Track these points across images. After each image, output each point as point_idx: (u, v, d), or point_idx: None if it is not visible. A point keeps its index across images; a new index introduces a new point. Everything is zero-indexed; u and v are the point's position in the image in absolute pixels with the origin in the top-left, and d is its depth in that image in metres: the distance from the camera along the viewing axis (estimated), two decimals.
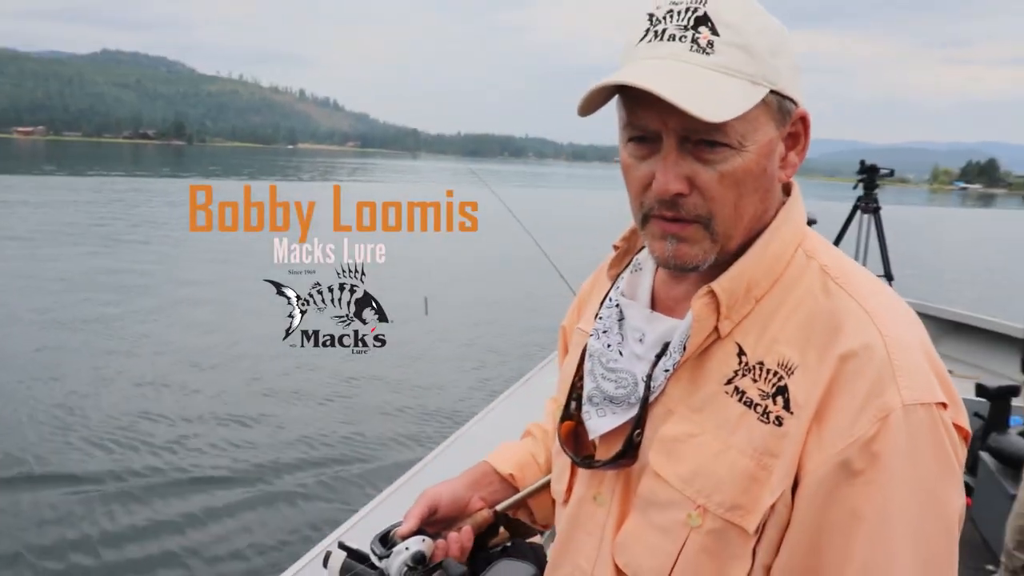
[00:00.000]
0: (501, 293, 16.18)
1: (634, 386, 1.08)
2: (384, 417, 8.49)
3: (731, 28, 0.94)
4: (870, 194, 6.97)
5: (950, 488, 0.93)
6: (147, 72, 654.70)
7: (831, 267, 1.02)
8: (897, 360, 0.92)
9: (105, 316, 12.36)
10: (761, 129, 0.97)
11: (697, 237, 0.99)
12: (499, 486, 1.46)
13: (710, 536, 0.98)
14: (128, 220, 26.84)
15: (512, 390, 4.12)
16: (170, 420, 8.00)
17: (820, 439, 0.92)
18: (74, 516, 5.88)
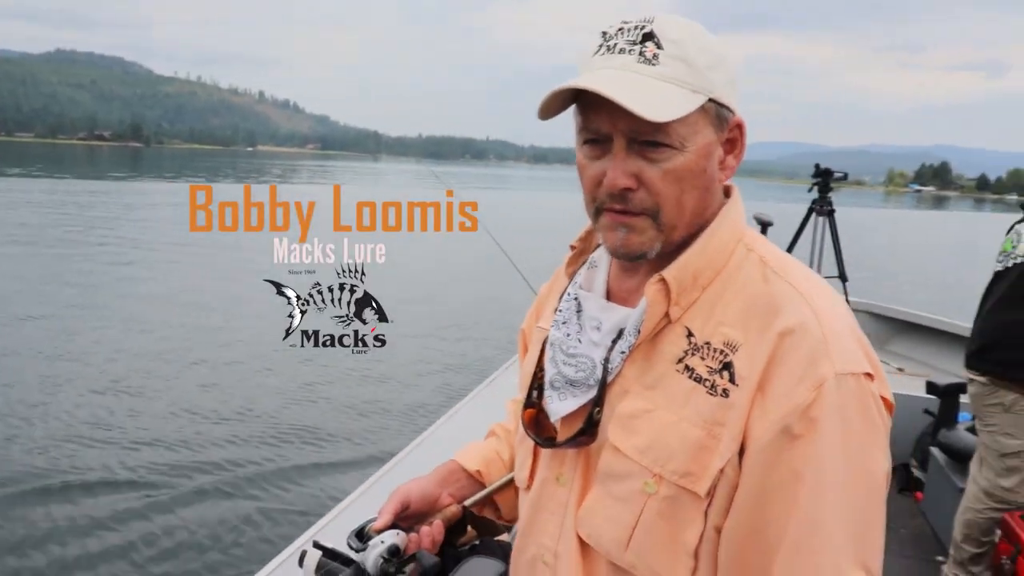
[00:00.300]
0: (467, 295, 16.18)
1: (592, 369, 1.18)
2: (358, 415, 8.53)
3: (674, 43, 1.06)
4: (825, 197, 7.02)
5: (876, 450, 1.03)
6: (102, 72, 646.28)
7: (768, 258, 1.14)
8: (829, 335, 1.02)
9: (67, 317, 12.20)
10: (700, 132, 1.08)
11: (644, 227, 1.10)
12: (467, 482, 1.53)
13: (665, 502, 1.07)
14: (86, 223, 26.42)
15: (477, 391, 4.21)
16: (136, 422, 7.95)
17: (763, 407, 1.01)
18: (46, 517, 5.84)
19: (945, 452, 4.36)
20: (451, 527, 1.46)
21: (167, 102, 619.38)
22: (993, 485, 3.58)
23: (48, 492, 6.23)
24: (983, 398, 3.61)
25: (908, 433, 4.99)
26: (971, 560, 3.69)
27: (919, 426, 4.93)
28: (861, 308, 6.94)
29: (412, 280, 15.57)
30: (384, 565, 1.32)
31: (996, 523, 3.58)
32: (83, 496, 6.22)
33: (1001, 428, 3.53)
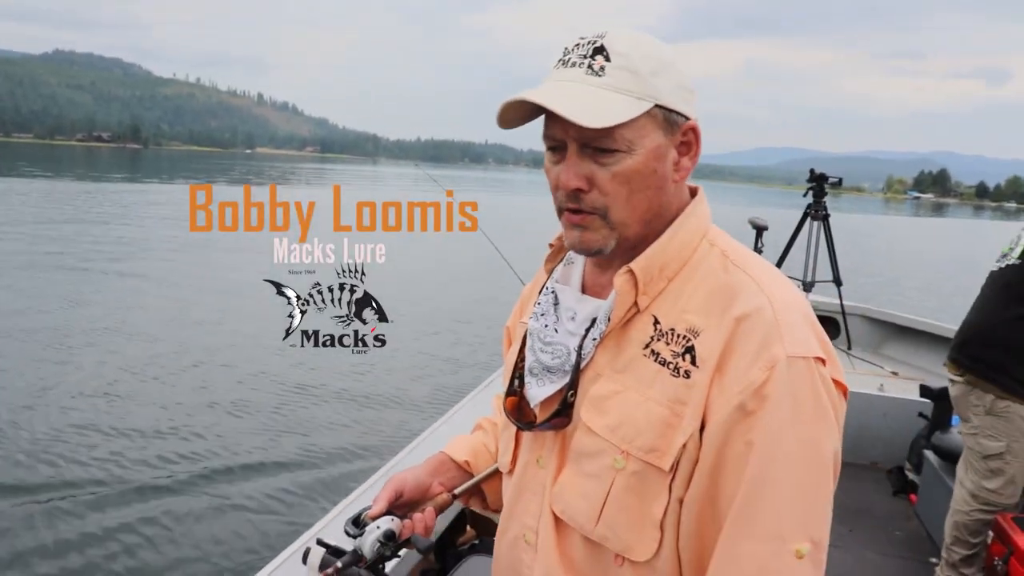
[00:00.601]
0: (465, 295, 16.21)
1: (567, 356, 1.26)
2: (359, 415, 8.57)
3: (620, 55, 1.14)
4: (819, 202, 7.13)
5: (824, 428, 1.10)
6: (102, 74, 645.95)
7: (729, 251, 1.22)
8: (782, 321, 1.10)
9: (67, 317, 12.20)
10: (648, 136, 1.15)
11: (596, 226, 1.18)
12: (456, 472, 1.61)
13: (633, 477, 1.15)
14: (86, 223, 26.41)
15: (474, 392, 4.26)
16: (135, 423, 7.94)
17: (721, 386, 1.10)
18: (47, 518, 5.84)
19: (939, 455, 4.38)
20: (451, 527, 1.48)
21: (166, 104, 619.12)
22: (978, 487, 3.60)
23: (47, 493, 6.23)
24: (964, 399, 3.62)
25: (902, 436, 5.03)
26: (963, 562, 3.71)
27: (913, 429, 4.95)
28: (856, 312, 6.98)
29: (413, 280, 15.59)
30: (380, 549, 1.38)
31: (985, 524, 3.60)
32: (85, 497, 6.21)
33: (983, 430, 3.54)
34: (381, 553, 1.39)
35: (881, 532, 4.42)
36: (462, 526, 2.31)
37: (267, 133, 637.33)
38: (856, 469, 5.14)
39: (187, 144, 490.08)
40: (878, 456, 5.24)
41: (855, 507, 4.64)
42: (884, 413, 5.21)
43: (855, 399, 5.01)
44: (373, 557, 1.38)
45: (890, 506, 4.73)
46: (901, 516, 4.60)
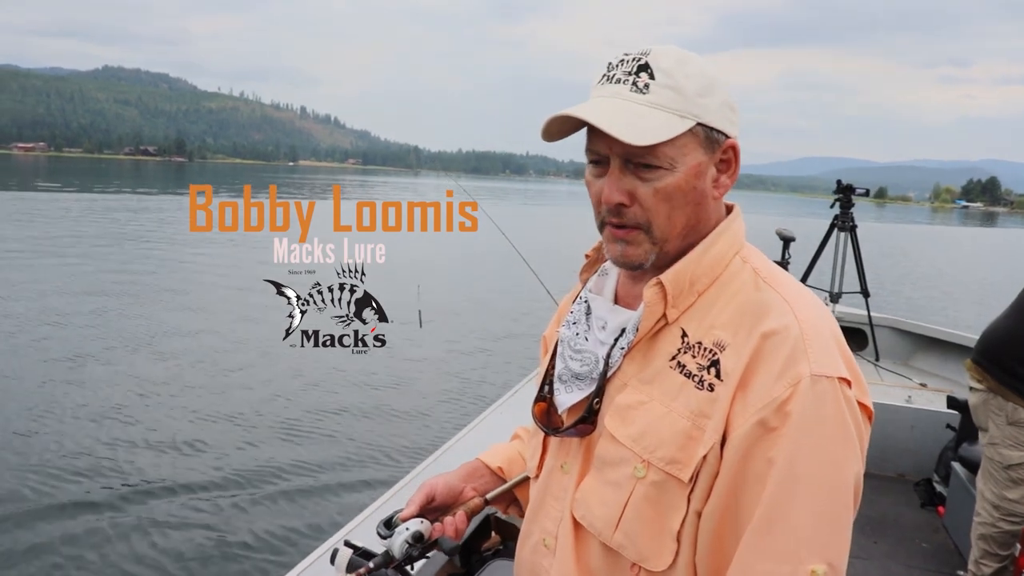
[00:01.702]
0: (496, 307, 16.21)
1: (595, 363, 1.29)
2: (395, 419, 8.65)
3: (665, 73, 1.16)
4: (847, 213, 7.09)
5: (847, 450, 1.10)
6: (148, 89, 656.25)
7: (761, 270, 1.23)
8: (809, 340, 1.11)
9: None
10: (690, 154, 1.17)
11: (639, 240, 1.21)
12: (489, 478, 1.65)
13: (652, 487, 1.16)
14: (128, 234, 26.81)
15: (504, 399, 4.26)
16: (172, 422, 8.07)
17: (744, 401, 1.10)
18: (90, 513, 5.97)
19: (967, 466, 4.30)
20: (476, 532, 1.62)
21: (210, 117, 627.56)
22: (999, 498, 3.52)
23: (79, 498, 6.30)
24: (985, 408, 3.56)
25: (930, 448, 4.96)
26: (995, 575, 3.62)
27: (941, 441, 4.89)
28: (884, 324, 6.89)
29: (424, 281, 15.62)
30: (409, 549, 1.43)
31: (1012, 536, 3.52)
32: (116, 501, 6.30)
33: (1004, 440, 3.47)
34: (409, 554, 1.44)
35: (908, 544, 4.33)
36: (487, 531, 2.31)
37: (309, 146, 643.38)
38: (883, 481, 5.06)
39: (231, 157, 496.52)
40: (905, 468, 5.16)
41: (882, 519, 4.56)
42: (912, 425, 5.14)
43: (882, 410, 4.97)
44: (401, 557, 1.43)
45: (917, 518, 4.65)
46: (928, 528, 4.52)
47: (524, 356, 11.58)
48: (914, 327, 6.88)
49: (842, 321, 6.55)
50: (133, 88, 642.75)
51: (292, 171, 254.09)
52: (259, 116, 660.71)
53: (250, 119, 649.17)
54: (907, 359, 6.75)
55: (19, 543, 5.61)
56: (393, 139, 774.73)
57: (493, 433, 3.44)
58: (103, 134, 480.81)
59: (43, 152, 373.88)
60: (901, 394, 5.53)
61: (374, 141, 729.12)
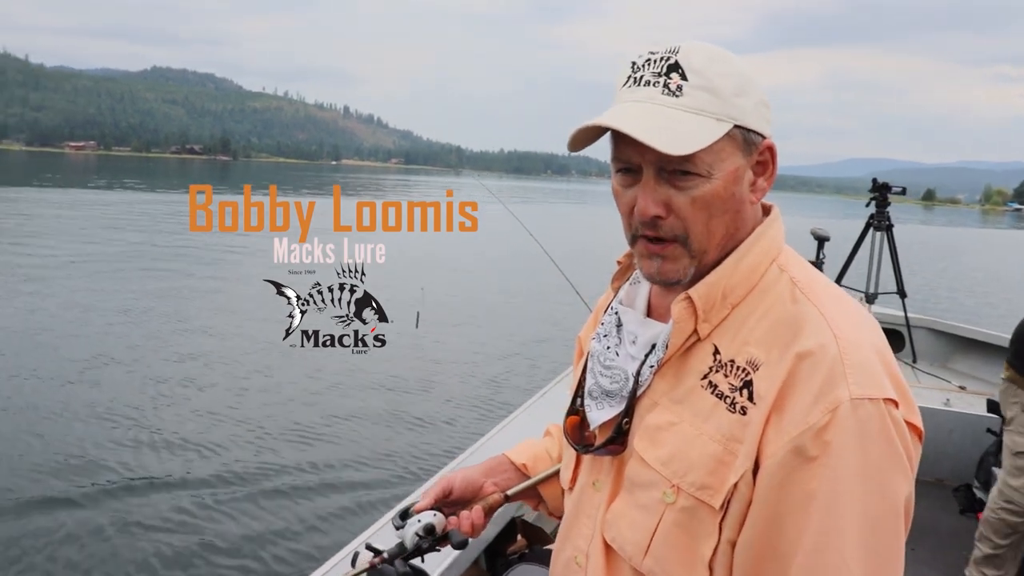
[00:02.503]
0: (525, 309, 16.17)
1: (625, 381, 1.23)
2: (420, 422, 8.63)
3: (698, 73, 1.09)
4: (882, 212, 6.97)
5: (896, 476, 1.04)
6: (195, 89, 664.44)
7: (799, 279, 1.16)
8: (848, 359, 1.04)
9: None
10: (728, 159, 1.11)
11: (677, 255, 1.14)
12: (512, 474, 1.63)
13: (683, 512, 1.11)
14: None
15: (533, 400, 4.21)
16: (195, 423, 8.11)
17: (779, 426, 1.04)
18: (103, 517, 5.96)
19: None
20: (502, 534, 1.63)
21: (255, 117, 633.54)
22: (1004, 483, 3.58)
23: (102, 495, 6.37)
24: (1005, 396, 3.65)
25: (969, 452, 4.82)
26: (985, 560, 3.65)
27: (981, 445, 4.74)
28: (922, 325, 6.73)
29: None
30: (419, 541, 1.45)
31: (1009, 527, 3.56)
32: (137, 500, 6.35)
33: (1017, 427, 3.55)
34: (419, 545, 1.45)
35: (947, 552, 4.22)
36: (513, 534, 2.29)
37: (352, 145, 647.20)
38: (921, 486, 4.92)
39: (275, 156, 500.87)
40: (944, 473, 5.02)
41: (919, 525, 4.41)
42: (951, 429, 5.00)
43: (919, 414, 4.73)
44: (411, 549, 1.44)
45: (956, 525, 4.53)
46: (967, 535, 4.36)
47: (552, 360, 11.48)
48: (953, 328, 6.72)
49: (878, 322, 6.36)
50: (180, 88, 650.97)
51: (335, 170, 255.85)
52: (303, 116, 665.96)
53: (294, 118, 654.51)
54: (945, 361, 6.59)
55: (38, 540, 5.68)
56: (435, 139, 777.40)
57: (523, 435, 3.40)
58: (151, 133, 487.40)
59: (93, 151, 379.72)
60: (939, 397, 5.39)
61: (416, 141, 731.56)
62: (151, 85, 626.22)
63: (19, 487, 6.42)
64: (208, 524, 6.02)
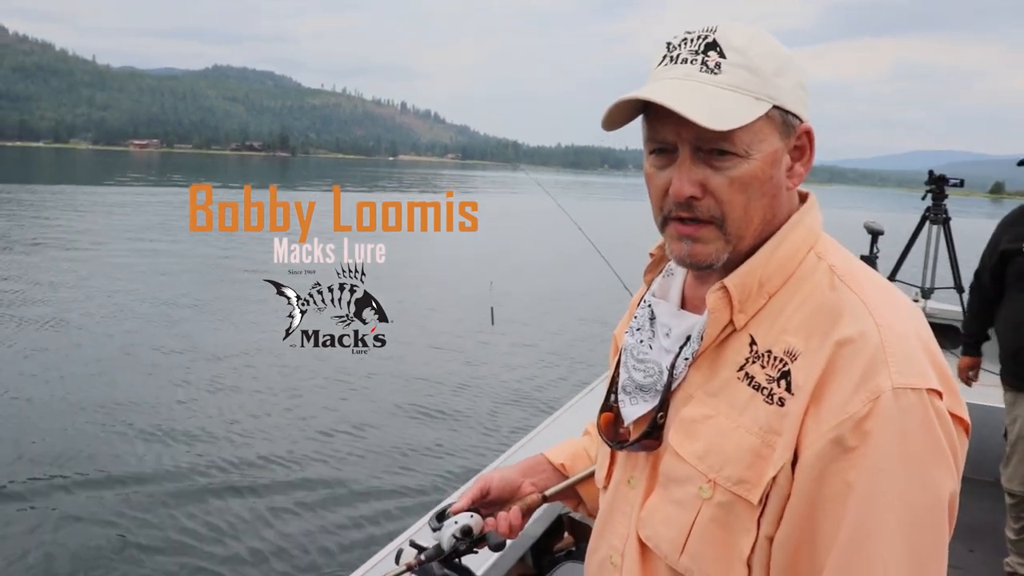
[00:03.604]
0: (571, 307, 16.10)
1: (659, 375, 1.20)
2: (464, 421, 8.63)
3: (737, 51, 1.06)
4: (939, 205, 6.83)
5: (939, 469, 0.99)
6: (254, 86, 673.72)
7: (838, 266, 1.12)
8: (890, 347, 1.00)
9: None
10: (766, 140, 1.08)
11: (710, 237, 1.10)
12: (551, 474, 1.61)
13: (720, 508, 1.07)
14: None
15: (576, 400, 4.18)
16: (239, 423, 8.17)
17: (817, 417, 1.00)
18: (156, 518, 6.03)
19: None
20: (548, 532, 1.63)
21: (314, 113, 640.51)
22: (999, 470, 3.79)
23: (153, 496, 6.42)
24: None
25: None
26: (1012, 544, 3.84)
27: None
28: None
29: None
30: (456, 543, 1.44)
31: None
32: (192, 501, 6.38)
33: None
34: (456, 547, 1.44)
35: (1006, 553, 4.11)
36: (559, 532, 2.27)
37: (410, 141, 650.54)
38: (978, 485, 4.78)
39: (333, 152, 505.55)
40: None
41: (977, 526, 4.32)
42: None
43: (977, 411, 4.58)
44: (448, 551, 1.44)
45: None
46: None
47: (601, 355, 11.40)
48: None
49: (933, 318, 6.16)
50: (240, 86, 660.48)
51: (392, 166, 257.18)
52: (360, 112, 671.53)
53: (352, 115, 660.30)
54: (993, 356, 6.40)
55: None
56: (492, 134, 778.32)
57: (566, 434, 3.39)
58: (212, 130, 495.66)
59: (156, 149, 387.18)
60: (998, 394, 5.26)
61: (473, 136, 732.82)
62: (212, 83, 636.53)
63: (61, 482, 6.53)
64: (253, 522, 6.09)
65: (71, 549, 5.55)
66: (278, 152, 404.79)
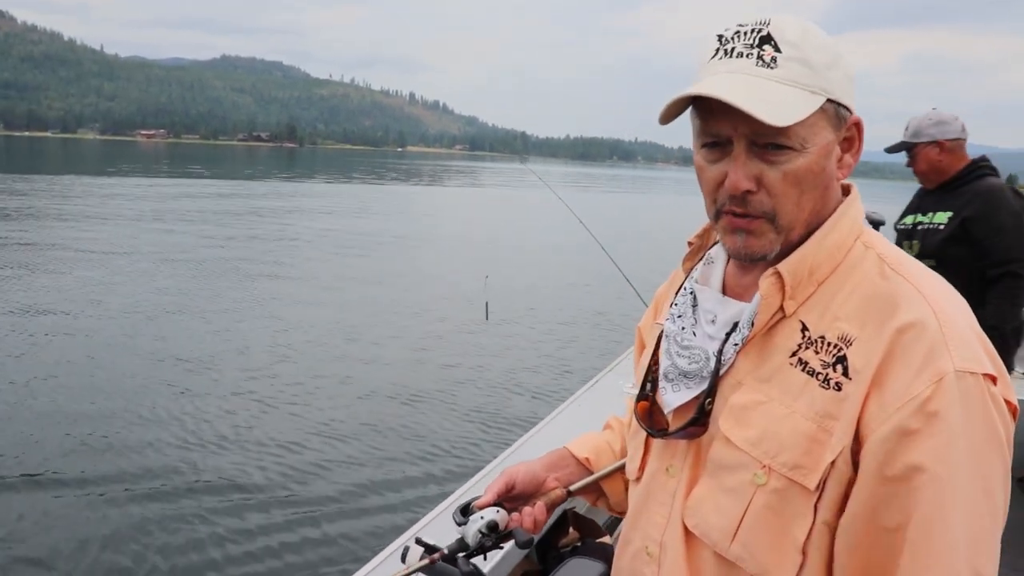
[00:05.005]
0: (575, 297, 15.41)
1: (706, 361, 1.19)
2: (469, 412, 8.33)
3: (792, 45, 1.06)
4: None
5: (994, 454, 1.00)
6: (263, 77, 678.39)
7: (887, 255, 1.12)
8: (949, 333, 1.01)
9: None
10: (820, 133, 1.08)
11: (763, 230, 1.10)
12: (575, 468, 1.56)
13: (774, 494, 1.06)
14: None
15: (582, 392, 3.99)
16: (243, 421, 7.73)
17: (880, 401, 1.00)
18: (159, 519, 5.75)
19: None
20: (554, 527, 1.60)
21: (322, 104, 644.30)
22: None
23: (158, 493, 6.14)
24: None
25: None
26: None
27: None
28: None
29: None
30: (482, 539, 1.40)
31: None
32: (192, 497, 6.10)
33: None
34: (482, 543, 1.40)
35: (1013, 544, 3.36)
36: (564, 527, 2.13)
37: (418, 132, 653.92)
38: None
39: (341, 143, 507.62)
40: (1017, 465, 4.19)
41: None
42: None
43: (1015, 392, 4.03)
44: (474, 547, 1.40)
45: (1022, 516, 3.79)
46: None
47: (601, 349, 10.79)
48: None
49: None
50: (248, 76, 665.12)
51: (400, 157, 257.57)
52: (369, 102, 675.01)
53: (360, 105, 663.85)
54: None
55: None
56: (501, 125, 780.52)
57: (574, 424, 3.29)
58: (219, 121, 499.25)
59: (163, 139, 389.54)
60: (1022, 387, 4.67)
61: (482, 127, 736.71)
62: (220, 74, 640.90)
63: None
64: (253, 518, 5.81)
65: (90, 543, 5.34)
66: (285, 143, 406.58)
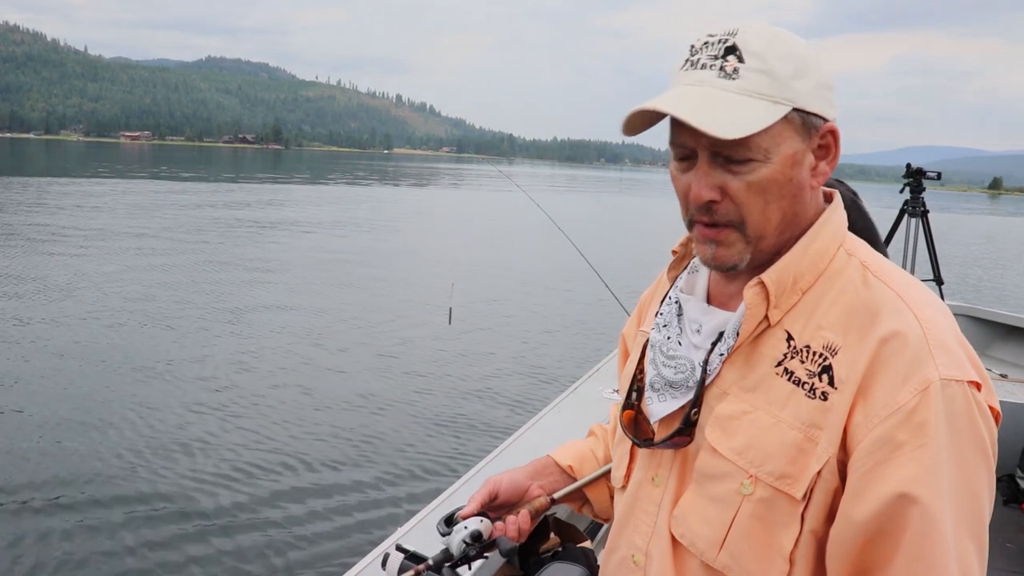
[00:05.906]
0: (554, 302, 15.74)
1: (691, 371, 1.19)
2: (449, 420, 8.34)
3: (755, 56, 1.06)
4: (917, 198, 6.82)
5: (980, 460, 1.01)
6: (248, 78, 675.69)
7: (870, 263, 1.13)
8: (933, 341, 1.01)
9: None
10: (785, 143, 1.07)
11: (732, 240, 1.11)
12: (558, 476, 1.58)
13: (761, 504, 1.07)
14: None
15: (562, 397, 4.06)
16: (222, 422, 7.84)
17: (866, 411, 1.01)
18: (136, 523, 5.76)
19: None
20: (534, 533, 1.53)
21: (308, 106, 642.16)
22: None
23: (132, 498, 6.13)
24: None
25: (1013, 442, 4.55)
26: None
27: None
28: (961, 312, 6.44)
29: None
30: (466, 548, 1.40)
31: None
32: (167, 501, 6.11)
33: None
34: (467, 553, 1.41)
35: (991, 544, 3.62)
36: (545, 532, 2.05)
37: (405, 134, 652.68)
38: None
39: (327, 145, 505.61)
40: None
41: None
42: None
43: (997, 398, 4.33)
44: (459, 557, 1.40)
45: (1000, 516, 4.19)
46: (1013, 527, 4.17)
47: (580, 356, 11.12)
48: (993, 315, 6.46)
49: None
50: (234, 77, 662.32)
51: (386, 159, 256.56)
52: (355, 104, 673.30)
53: (346, 107, 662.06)
54: (986, 348, 6.32)
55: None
56: (488, 127, 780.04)
57: (554, 431, 3.44)
58: (204, 122, 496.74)
59: (147, 140, 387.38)
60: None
61: (468, 129, 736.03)
62: (205, 75, 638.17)
63: None
64: (234, 525, 5.82)
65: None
66: (271, 145, 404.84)
